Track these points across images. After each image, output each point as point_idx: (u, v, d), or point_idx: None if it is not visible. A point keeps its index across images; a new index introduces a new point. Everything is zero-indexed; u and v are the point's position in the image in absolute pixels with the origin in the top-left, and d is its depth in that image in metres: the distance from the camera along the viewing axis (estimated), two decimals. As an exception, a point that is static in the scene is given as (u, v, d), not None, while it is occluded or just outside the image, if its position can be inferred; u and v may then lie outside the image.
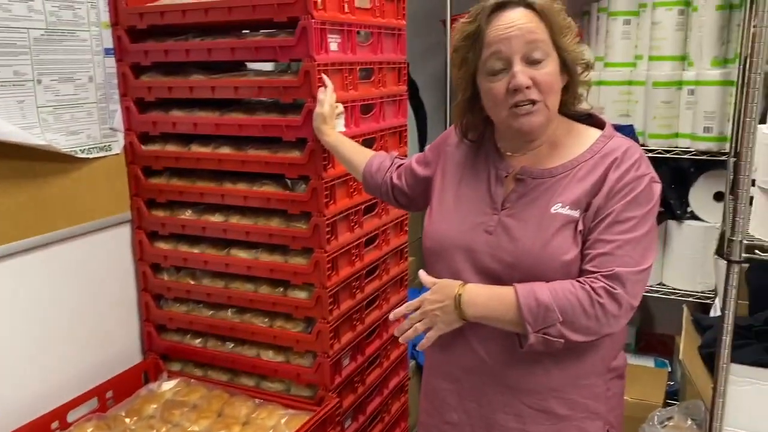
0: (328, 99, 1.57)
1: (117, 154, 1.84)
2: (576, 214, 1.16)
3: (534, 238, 1.16)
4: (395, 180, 1.50)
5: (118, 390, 1.82)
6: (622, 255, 1.12)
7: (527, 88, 1.12)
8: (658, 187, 1.18)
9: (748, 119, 1.34)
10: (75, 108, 1.69)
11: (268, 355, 1.85)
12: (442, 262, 1.27)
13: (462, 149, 1.34)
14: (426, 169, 1.42)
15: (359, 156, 1.58)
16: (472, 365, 1.26)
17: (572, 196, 1.16)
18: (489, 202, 1.23)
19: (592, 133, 1.23)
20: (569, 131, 1.24)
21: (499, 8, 1.15)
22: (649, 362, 2.77)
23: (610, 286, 1.10)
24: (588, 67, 1.22)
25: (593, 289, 1.11)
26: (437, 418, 1.34)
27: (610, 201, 1.14)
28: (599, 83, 2.63)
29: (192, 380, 1.88)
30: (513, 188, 1.22)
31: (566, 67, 1.18)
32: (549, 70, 1.14)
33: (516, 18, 1.14)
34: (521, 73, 1.12)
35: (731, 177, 2.25)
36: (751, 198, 1.44)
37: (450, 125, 2.87)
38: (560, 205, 1.16)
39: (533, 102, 1.14)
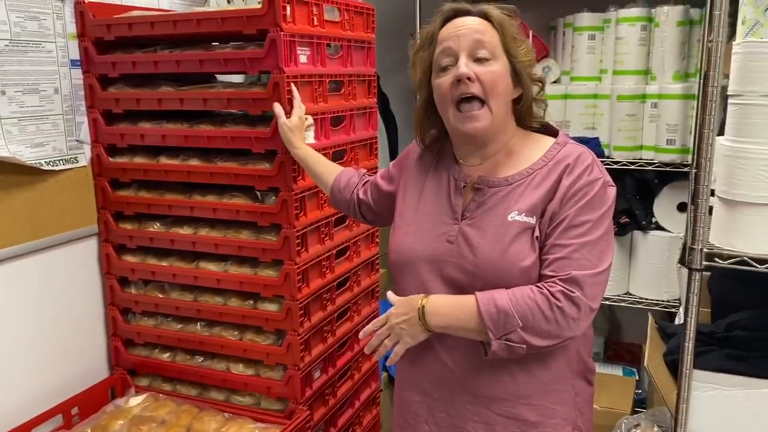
0: (296, 110, 1.58)
1: (84, 166, 1.82)
2: (532, 220, 1.18)
3: (492, 246, 1.18)
4: (361, 195, 1.52)
5: (84, 406, 1.79)
6: (579, 258, 1.14)
7: (469, 79, 1.16)
8: (612, 191, 1.21)
9: (706, 131, 1.38)
10: (40, 120, 1.67)
11: (238, 369, 1.83)
12: (409, 274, 1.28)
13: (423, 163, 1.36)
14: (390, 185, 1.44)
15: (328, 171, 1.59)
16: (440, 376, 1.27)
17: (528, 203, 1.19)
18: (450, 213, 1.26)
19: (546, 141, 1.27)
20: (525, 141, 1.27)
21: (455, 15, 1.22)
22: (617, 371, 2.81)
23: (568, 290, 1.12)
24: (542, 85, 1.26)
25: (551, 293, 1.12)
26: (409, 430, 1.35)
27: (564, 206, 1.17)
28: (565, 97, 2.68)
29: (160, 395, 1.85)
30: (472, 197, 1.25)
31: (518, 76, 1.21)
32: (494, 69, 1.18)
33: (467, 21, 1.21)
34: (464, 65, 1.17)
35: (693, 188, 2.31)
36: (711, 208, 1.48)
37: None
38: (516, 212, 1.19)
39: (479, 101, 1.17)
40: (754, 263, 1.38)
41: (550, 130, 1.30)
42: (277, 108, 1.58)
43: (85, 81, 1.80)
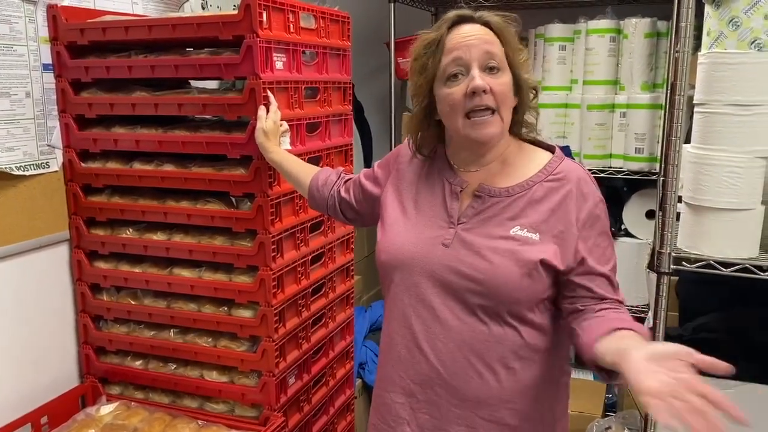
0: (271, 115, 1.59)
1: (55, 171, 1.80)
2: (535, 236, 1.18)
3: (492, 252, 1.18)
4: (343, 194, 1.51)
5: (54, 415, 1.75)
6: (614, 284, 1.21)
7: (484, 92, 1.15)
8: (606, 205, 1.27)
9: (673, 138, 1.42)
10: (11, 124, 1.65)
11: (212, 376, 1.82)
12: (399, 274, 1.27)
13: (414, 165, 1.35)
14: (375, 186, 1.43)
15: (305, 172, 1.58)
16: (427, 378, 1.26)
17: (531, 219, 1.19)
18: (445, 217, 1.25)
19: (543, 155, 1.27)
20: (520, 151, 1.27)
21: (459, 21, 1.21)
22: (588, 376, 2.84)
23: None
24: (537, 92, 1.27)
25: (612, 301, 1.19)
26: None
27: (585, 230, 1.20)
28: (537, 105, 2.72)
29: (132, 403, 1.83)
30: (469, 204, 1.24)
31: (518, 86, 1.22)
32: (504, 81, 1.18)
33: (475, 30, 1.19)
34: (479, 78, 1.16)
35: (661, 195, 2.37)
36: (679, 214, 1.52)
37: (395, 144, 2.92)
38: (519, 227, 1.19)
39: (490, 110, 1.17)
40: (719, 266, 1.43)
41: (541, 144, 1.31)
42: (261, 111, 1.58)
43: (58, 85, 1.78)
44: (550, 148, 1.30)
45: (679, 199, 1.50)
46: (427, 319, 1.24)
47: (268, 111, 1.59)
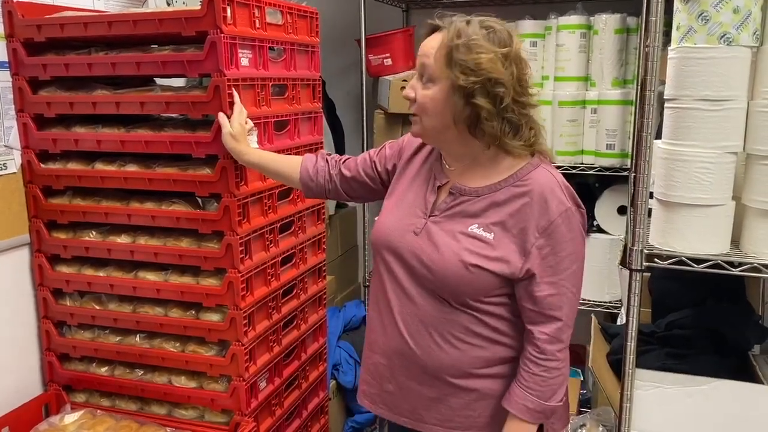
0: (236, 117, 1.55)
1: (13, 173, 1.74)
2: (489, 236, 1.27)
3: (448, 246, 1.28)
4: (346, 173, 1.53)
5: (15, 425, 1.70)
6: (565, 292, 1.27)
7: (409, 99, 1.29)
8: (579, 214, 1.29)
9: (644, 134, 1.41)
10: (-35, 124, 1.59)
11: (180, 382, 1.77)
12: (378, 255, 1.40)
13: (418, 156, 1.44)
14: (389, 162, 1.49)
15: (288, 167, 1.58)
16: (399, 346, 1.37)
17: (490, 219, 1.28)
18: (423, 207, 1.35)
19: (520, 160, 1.30)
20: (498, 156, 1.29)
21: (431, 31, 1.28)
22: (563, 372, 2.85)
23: (551, 334, 1.27)
24: (503, 100, 1.21)
25: (539, 352, 1.27)
26: (377, 387, 1.45)
27: (541, 239, 1.24)
28: (509, 102, 2.71)
29: (98, 411, 1.78)
30: (443, 199, 1.34)
31: (468, 95, 1.19)
32: (429, 93, 1.25)
33: (429, 42, 1.26)
34: (410, 87, 1.29)
35: (632, 191, 2.37)
36: (650, 210, 1.51)
37: (367, 142, 2.88)
38: (476, 226, 1.28)
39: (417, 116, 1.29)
40: (691, 262, 1.42)
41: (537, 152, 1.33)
42: (221, 118, 1.55)
43: (14, 84, 1.72)
44: (533, 154, 1.32)
45: (651, 195, 1.49)
46: (402, 297, 1.35)
47: (232, 113, 1.55)
